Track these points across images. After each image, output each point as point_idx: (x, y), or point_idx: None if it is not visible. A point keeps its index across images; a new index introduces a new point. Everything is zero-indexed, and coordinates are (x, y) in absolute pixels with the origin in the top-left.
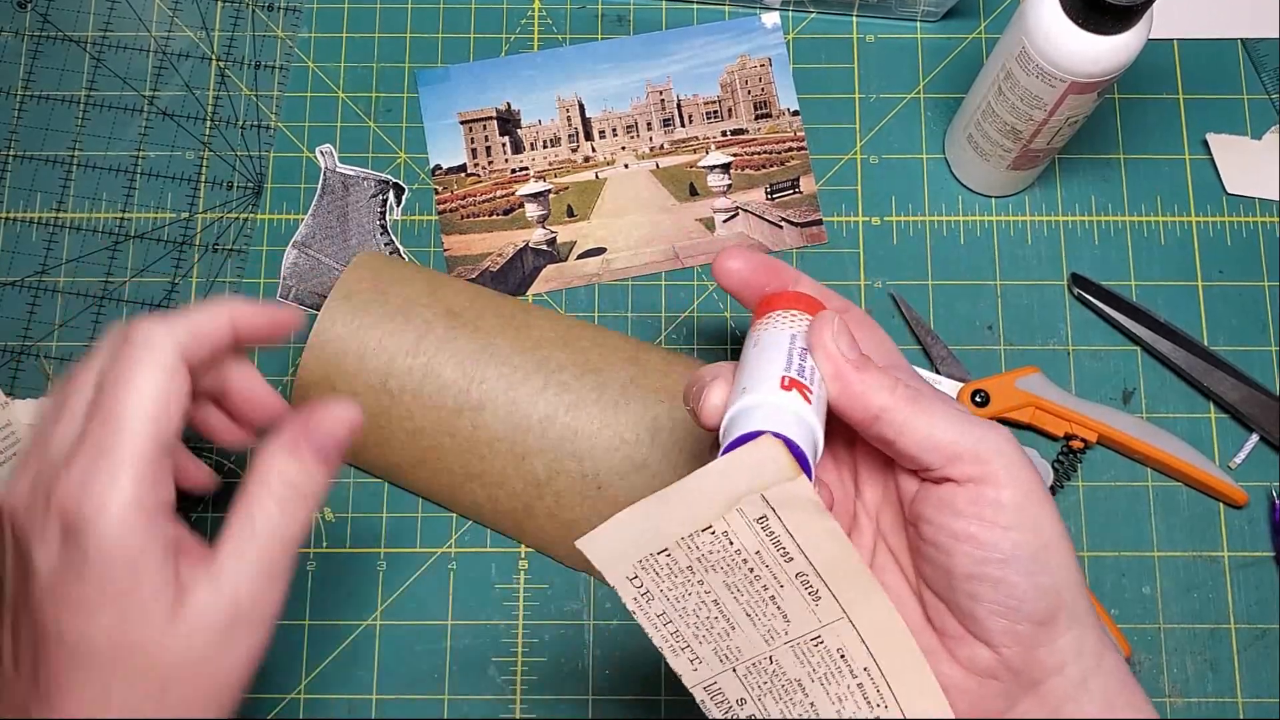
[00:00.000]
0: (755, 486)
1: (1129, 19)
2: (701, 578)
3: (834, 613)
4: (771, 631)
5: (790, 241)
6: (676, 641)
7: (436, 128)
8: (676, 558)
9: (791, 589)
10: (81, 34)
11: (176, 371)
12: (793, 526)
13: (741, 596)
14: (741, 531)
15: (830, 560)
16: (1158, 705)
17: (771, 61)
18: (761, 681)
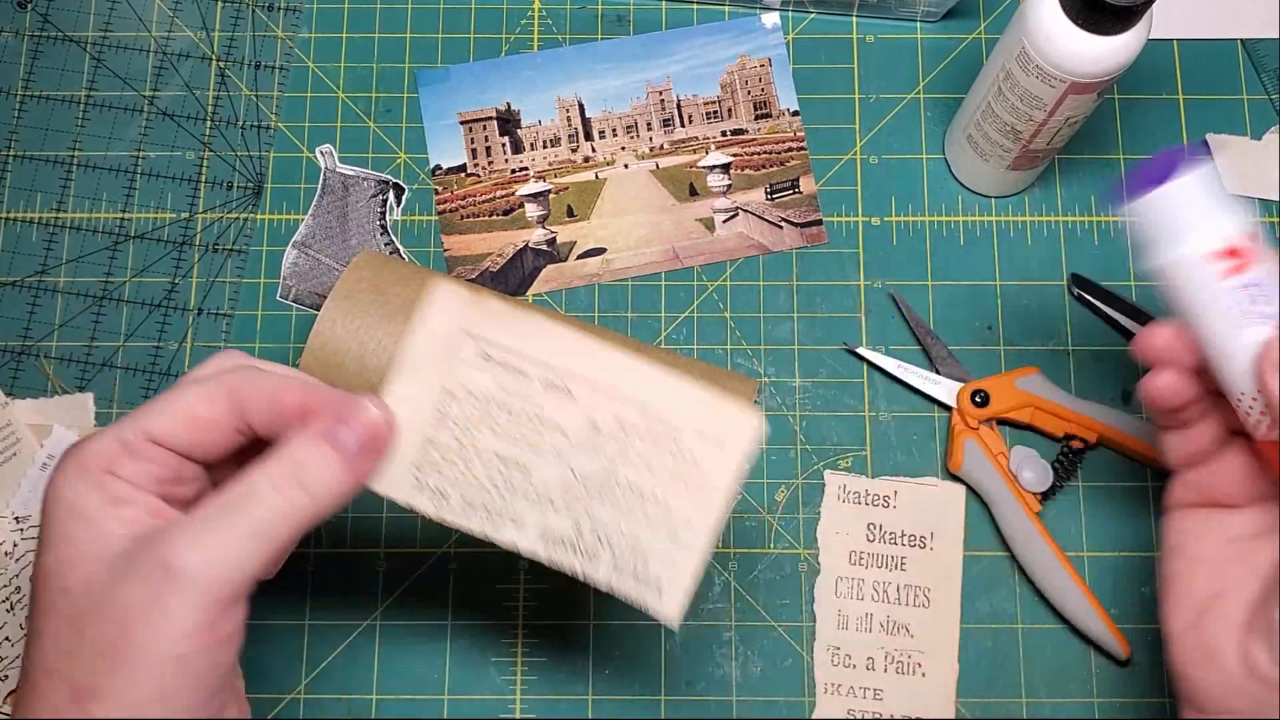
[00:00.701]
0: (459, 326)
1: (1129, 19)
2: (472, 443)
3: (591, 397)
4: (558, 450)
5: (790, 242)
6: (492, 517)
7: (436, 128)
8: (443, 441)
9: (546, 399)
10: (82, 34)
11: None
12: (509, 342)
13: (514, 436)
14: (473, 378)
15: (555, 353)
16: (1157, 705)
17: (771, 62)
18: (581, 498)
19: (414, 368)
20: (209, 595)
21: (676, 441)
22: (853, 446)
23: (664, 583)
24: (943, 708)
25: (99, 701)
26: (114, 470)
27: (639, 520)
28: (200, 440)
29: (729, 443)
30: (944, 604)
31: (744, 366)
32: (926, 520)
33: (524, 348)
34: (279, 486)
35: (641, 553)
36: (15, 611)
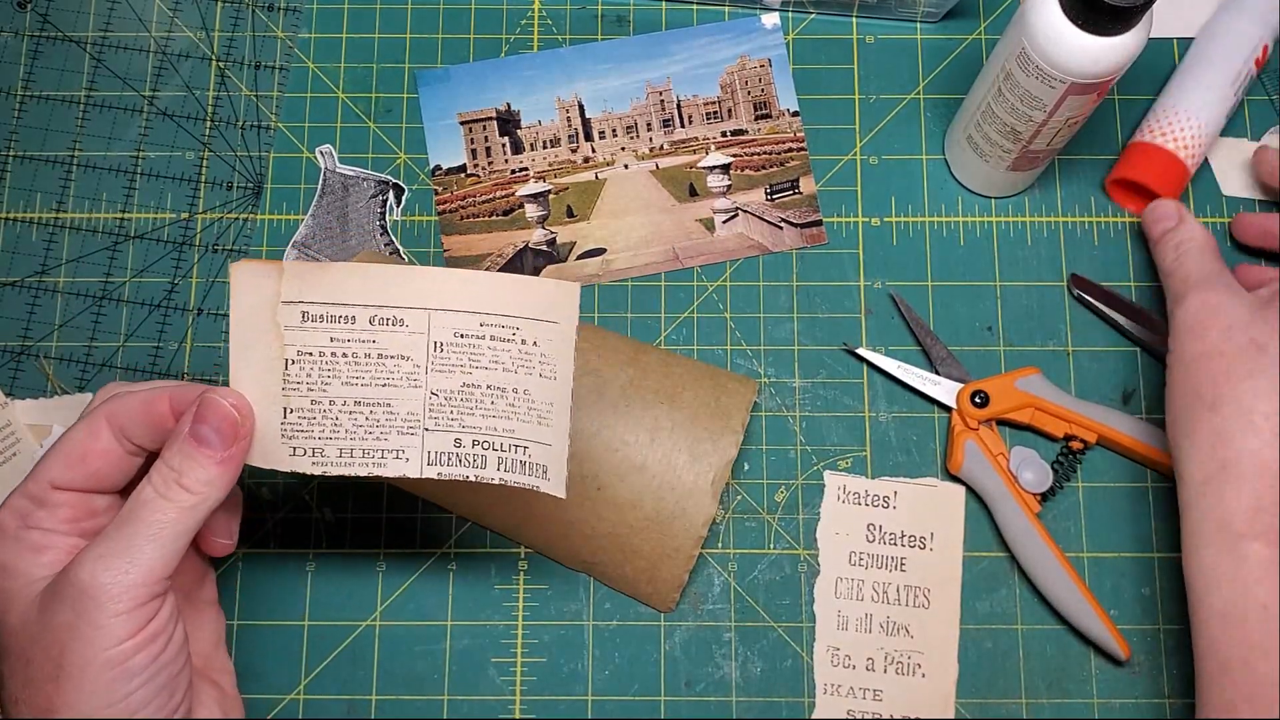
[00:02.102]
0: (268, 297)
1: (1129, 20)
2: (327, 397)
3: (422, 320)
4: (410, 377)
5: (790, 242)
6: (373, 457)
7: (436, 128)
8: (298, 405)
9: (380, 335)
10: (81, 34)
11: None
12: (323, 296)
13: (364, 378)
14: (302, 338)
15: (373, 291)
16: (1157, 706)
17: (771, 62)
18: (449, 413)
19: (242, 348)
20: (126, 600)
21: (515, 333)
22: (853, 447)
23: (548, 466)
24: (942, 708)
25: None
26: (28, 524)
27: (508, 415)
28: (98, 472)
29: (560, 318)
30: (944, 604)
31: (744, 367)
32: (926, 521)
33: (340, 296)
34: (162, 492)
35: (520, 444)
36: None
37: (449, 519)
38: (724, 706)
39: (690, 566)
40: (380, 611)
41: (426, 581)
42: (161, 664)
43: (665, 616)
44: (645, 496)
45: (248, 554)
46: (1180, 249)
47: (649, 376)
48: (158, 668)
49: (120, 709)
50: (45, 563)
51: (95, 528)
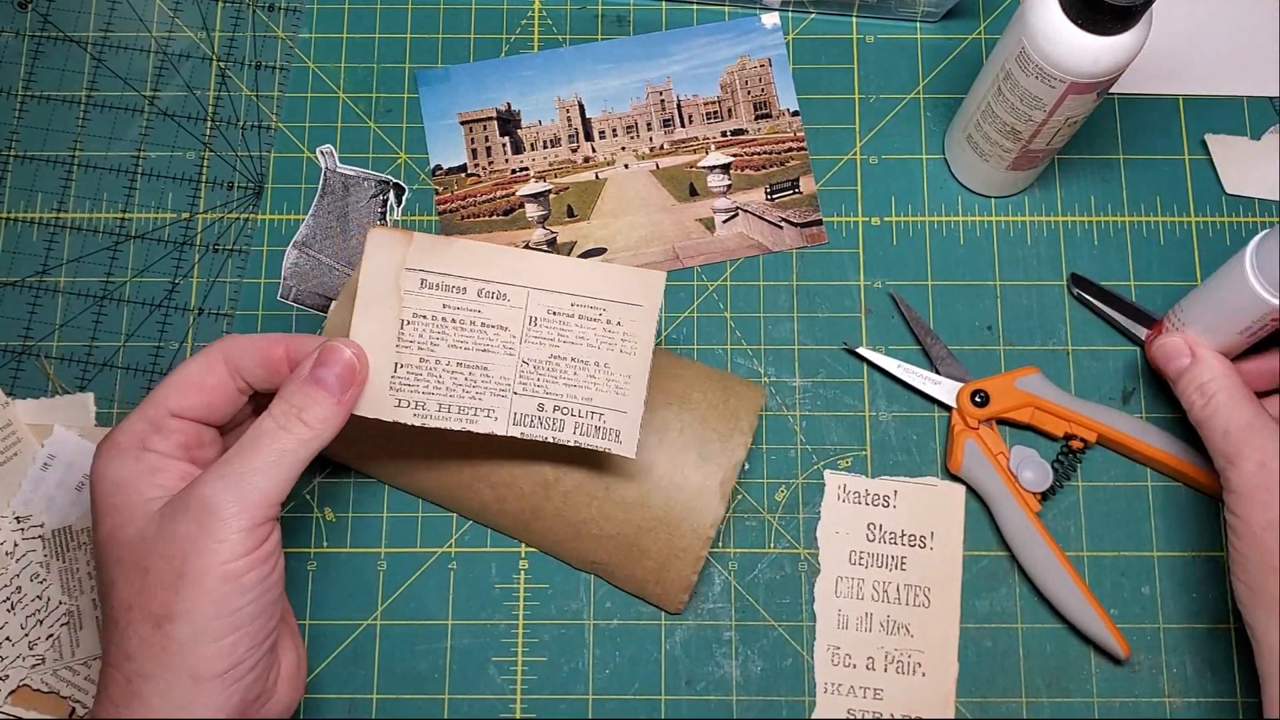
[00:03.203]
0: (396, 263)
1: (1128, 19)
2: (434, 356)
3: (522, 295)
4: (506, 346)
5: (790, 242)
6: (467, 414)
7: (437, 128)
8: (408, 361)
9: (485, 306)
10: (82, 34)
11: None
12: (442, 267)
13: (467, 343)
14: (420, 303)
15: (484, 265)
16: (1157, 705)
17: (771, 62)
18: (536, 380)
19: (366, 305)
20: (245, 518)
21: (601, 313)
22: (853, 446)
23: (620, 430)
24: (942, 707)
25: (174, 623)
26: (146, 446)
27: (588, 385)
28: (211, 403)
29: (644, 302)
30: (944, 604)
31: (744, 367)
32: (926, 520)
33: (456, 269)
34: (283, 424)
35: (597, 411)
36: (15, 611)
37: (449, 519)
38: (724, 706)
39: (699, 567)
40: (381, 611)
41: (427, 581)
42: (268, 585)
43: (665, 616)
44: (654, 497)
45: None
46: (1206, 392)
47: (658, 378)
48: (264, 588)
49: (229, 622)
50: (159, 483)
51: (203, 456)
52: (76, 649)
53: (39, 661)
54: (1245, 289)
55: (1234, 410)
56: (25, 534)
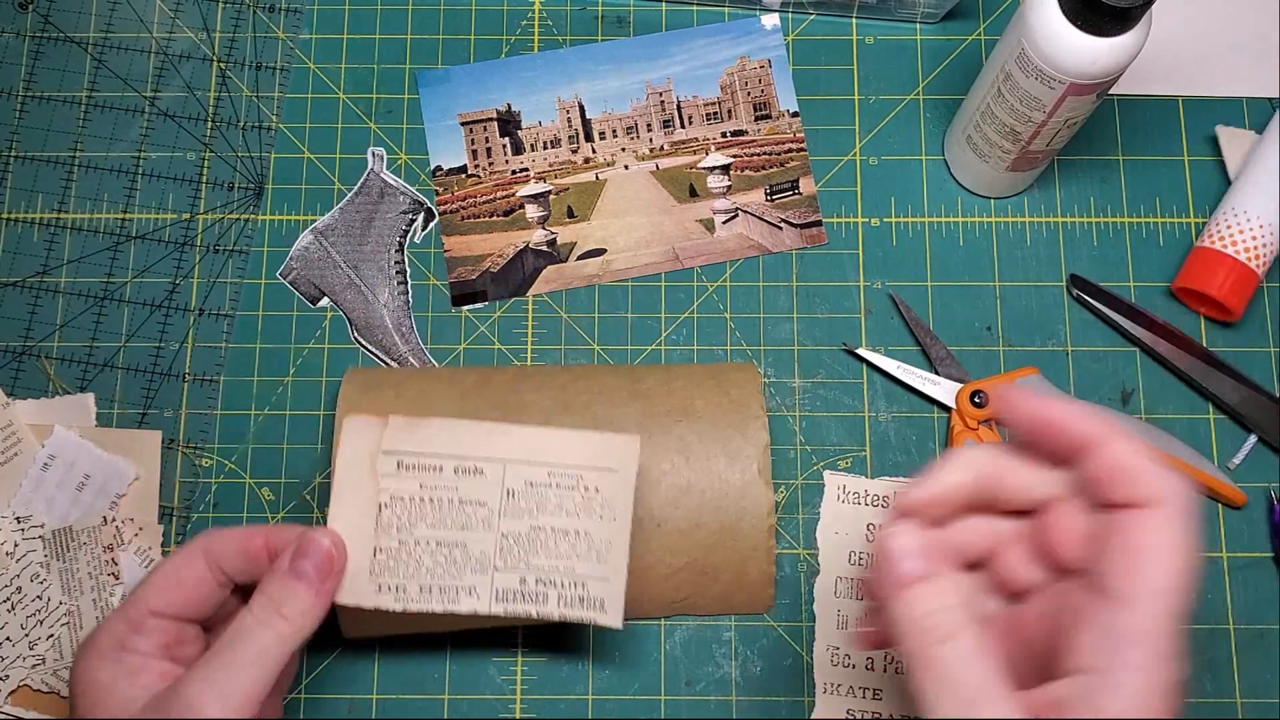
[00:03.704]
0: (371, 448)
1: (1128, 20)
2: (413, 538)
3: (499, 469)
4: (485, 521)
5: (790, 242)
6: (448, 594)
7: (437, 129)
8: (387, 545)
9: (461, 482)
10: (83, 35)
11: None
12: (416, 447)
13: (445, 521)
14: (396, 485)
15: (459, 443)
16: None
17: (771, 63)
18: (517, 554)
19: (343, 492)
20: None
21: (579, 480)
22: (852, 447)
23: (604, 600)
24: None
25: None
26: (126, 647)
27: (569, 555)
28: (191, 600)
29: (620, 466)
30: None
31: None
32: None
33: (430, 448)
34: (262, 620)
35: (580, 581)
36: (15, 611)
37: None
38: (724, 706)
39: (773, 558)
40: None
41: None
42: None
43: (666, 616)
44: (705, 514)
45: None
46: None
47: (656, 401)
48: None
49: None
50: (141, 684)
51: (185, 654)
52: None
53: (39, 661)
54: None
55: (977, 668)
56: (25, 534)
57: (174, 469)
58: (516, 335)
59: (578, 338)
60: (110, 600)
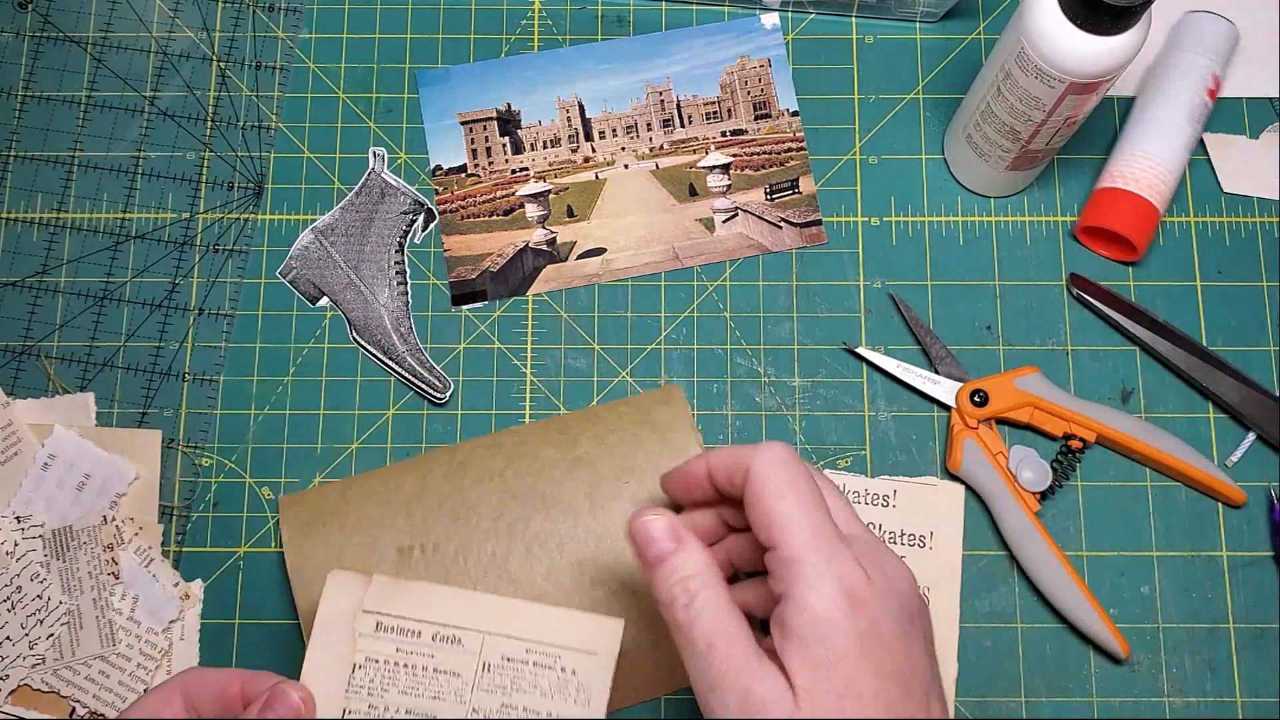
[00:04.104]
0: (354, 604)
1: (1127, 19)
2: (383, 703)
3: (477, 641)
4: (458, 693)
5: (789, 242)
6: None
7: (437, 128)
8: (356, 708)
9: (438, 650)
10: (82, 34)
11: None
12: (397, 610)
13: (418, 689)
14: (373, 647)
15: (440, 610)
16: (1156, 705)
17: (771, 62)
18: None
19: (321, 645)
20: None
21: (556, 660)
22: (852, 446)
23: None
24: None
25: None
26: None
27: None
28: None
29: (600, 650)
30: (943, 604)
31: (744, 367)
32: (926, 519)
33: (412, 612)
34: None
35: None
36: (15, 611)
37: None
38: None
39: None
40: None
41: None
42: None
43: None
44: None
45: (249, 553)
46: (690, 590)
47: (598, 466)
48: None
49: None
50: None
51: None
52: (76, 648)
53: (39, 661)
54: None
55: (719, 618)
56: (25, 534)
57: (174, 468)
58: (516, 335)
59: (578, 337)
60: (110, 599)
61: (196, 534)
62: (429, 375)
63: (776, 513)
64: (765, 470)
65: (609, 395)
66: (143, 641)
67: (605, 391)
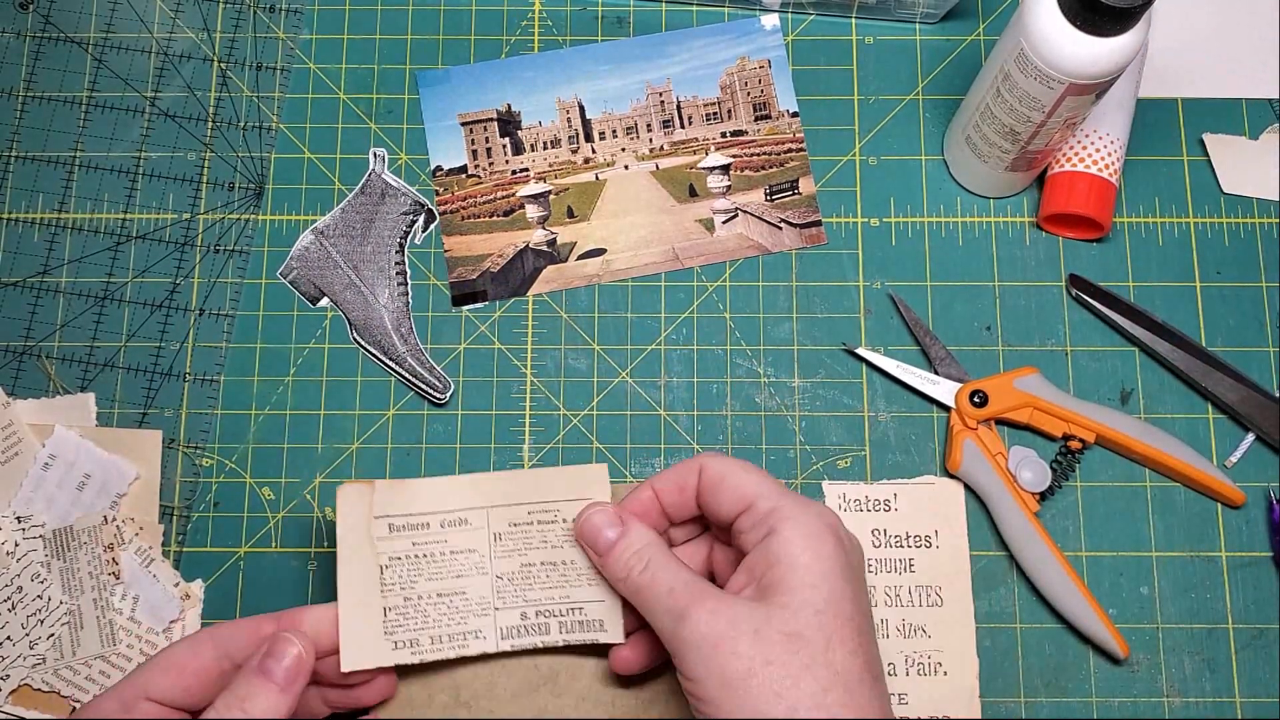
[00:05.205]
0: (365, 514)
1: (1127, 20)
2: (416, 594)
3: (483, 516)
4: (478, 566)
5: (789, 242)
6: (457, 640)
7: (437, 129)
8: (394, 604)
9: (450, 534)
10: (83, 35)
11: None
12: (402, 509)
13: (443, 572)
14: (392, 546)
15: (441, 499)
16: (1156, 705)
17: (771, 63)
18: (514, 591)
19: (347, 560)
20: None
21: (556, 514)
22: (852, 447)
23: (603, 620)
24: (967, 705)
25: None
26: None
27: (562, 584)
28: (189, 686)
29: (592, 494)
30: (957, 599)
31: (744, 367)
32: (929, 519)
33: (416, 507)
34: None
35: (577, 606)
36: (16, 611)
37: None
38: None
39: None
40: None
41: None
42: None
43: None
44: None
45: (250, 553)
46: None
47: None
48: None
49: None
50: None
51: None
52: (77, 648)
53: (39, 661)
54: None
55: (675, 569)
56: (26, 534)
57: (174, 469)
58: (516, 335)
59: (578, 337)
60: (110, 599)
61: (197, 534)
62: (429, 375)
63: (747, 482)
64: (718, 462)
65: (609, 395)
66: (143, 641)
67: (605, 391)
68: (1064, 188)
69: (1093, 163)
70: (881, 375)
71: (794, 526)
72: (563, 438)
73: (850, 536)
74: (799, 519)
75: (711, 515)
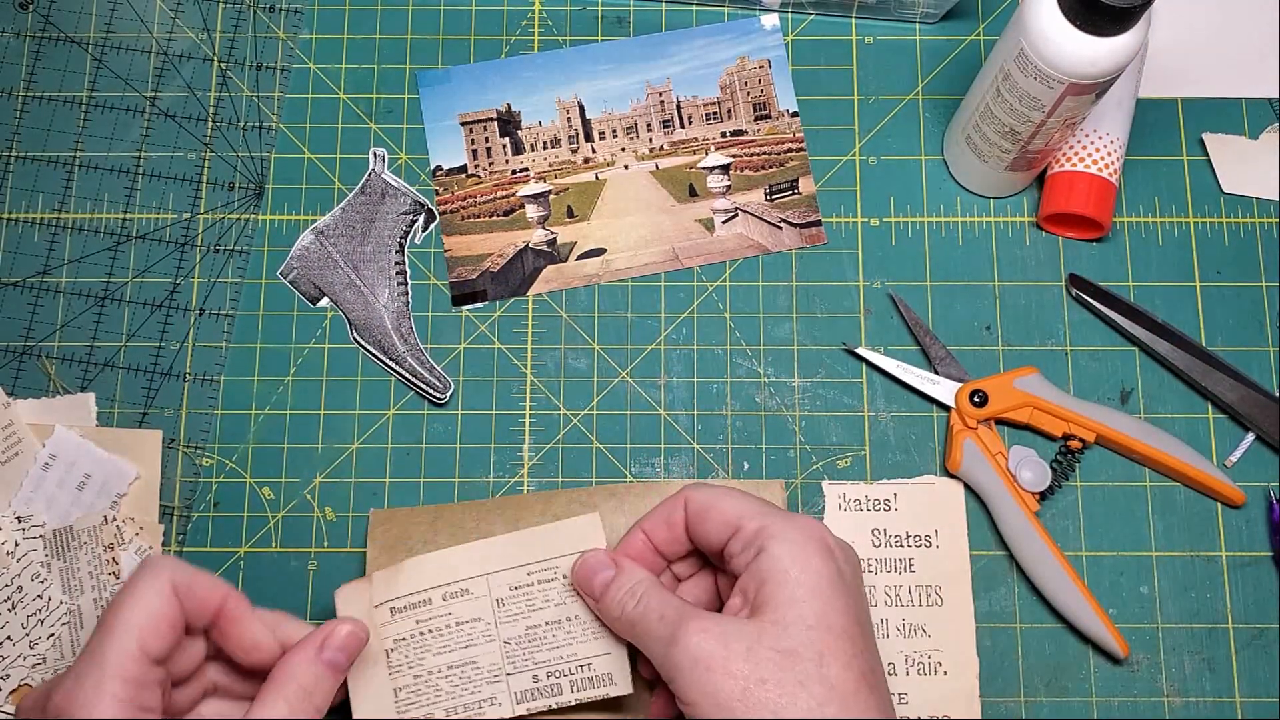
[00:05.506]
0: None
1: (1127, 20)
2: (425, 670)
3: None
4: (485, 634)
5: (789, 242)
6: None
7: (437, 129)
8: (405, 683)
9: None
10: (83, 35)
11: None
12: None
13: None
14: (396, 630)
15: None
16: (1155, 704)
17: (770, 63)
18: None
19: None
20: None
21: (555, 570)
22: (852, 446)
23: (611, 673)
24: (967, 704)
25: None
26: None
27: (568, 642)
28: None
29: (588, 545)
30: (957, 599)
31: (744, 367)
32: (929, 518)
33: (414, 586)
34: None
35: (585, 662)
36: (16, 611)
37: None
38: None
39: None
40: None
41: None
42: None
43: None
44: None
45: (250, 553)
46: (635, 594)
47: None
48: None
49: None
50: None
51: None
52: (77, 648)
53: (39, 661)
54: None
55: (666, 598)
56: (26, 534)
57: (174, 468)
58: (516, 335)
59: (578, 337)
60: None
61: (197, 534)
62: (429, 375)
63: (731, 507)
64: (701, 492)
65: (609, 395)
66: None
67: (605, 391)
68: (1064, 187)
69: (1093, 162)
70: (881, 375)
71: (781, 543)
72: (563, 437)
73: (842, 545)
74: (786, 535)
75: (703, 545)
